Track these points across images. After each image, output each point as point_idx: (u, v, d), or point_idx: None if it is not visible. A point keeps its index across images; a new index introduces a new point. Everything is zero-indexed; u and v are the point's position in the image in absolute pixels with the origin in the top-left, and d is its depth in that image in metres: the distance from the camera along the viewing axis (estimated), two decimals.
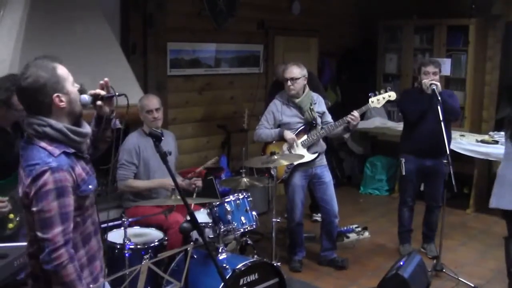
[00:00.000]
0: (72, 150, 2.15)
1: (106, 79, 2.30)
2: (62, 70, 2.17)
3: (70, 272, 2.06)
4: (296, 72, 4.49)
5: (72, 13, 4.43)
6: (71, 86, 2.18)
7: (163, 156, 2.49)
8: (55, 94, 2.10)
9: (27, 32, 4.10)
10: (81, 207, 2.17)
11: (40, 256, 2.07)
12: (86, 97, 2.23)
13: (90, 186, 2.19)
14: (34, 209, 2.06)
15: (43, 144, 2.10)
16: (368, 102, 4.45)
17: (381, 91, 4.48)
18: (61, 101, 2.12)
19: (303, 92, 4.56)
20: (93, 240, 2.28)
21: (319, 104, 4.68)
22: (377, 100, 4.44)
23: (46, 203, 2.03)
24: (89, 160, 2.32)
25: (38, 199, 2.04)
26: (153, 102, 4.11)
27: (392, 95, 4.46)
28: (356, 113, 4.38)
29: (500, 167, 4.01)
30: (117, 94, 2.31)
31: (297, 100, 4.54)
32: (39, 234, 2.06)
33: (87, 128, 2.25)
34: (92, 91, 2.27)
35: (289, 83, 4.49)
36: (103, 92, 2.27)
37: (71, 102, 2.16)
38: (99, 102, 2.26)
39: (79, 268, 2.13)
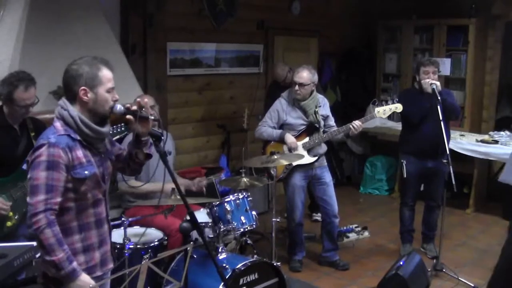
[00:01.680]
0: (78, 138, 2.30)
1: (146, 99, 2.47)
2: (104, 73, 2.34)
3: (48, 236, 2.18)
4: (306, 78, 4.46)
5: (72, 13, 4.43)
6: (104, 90, 2.32)
7: (163, 156, 2.49)
8: (83, 87, 2.28)
9: (27, 32, 4.10)
10: (76, 191, 2.29)
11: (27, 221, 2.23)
12: (119, 107, 2.38)
13: (86, 172, 2.30)
14: (28, 176, 2.26)
15: (57, 123, 2.32)
16: (369, 103, 4.46)
17: (389, 102, 4.49)
18: (86, 95, 2.29)
19: (310, 95, 4.55)
20: (92, 232, 2.38)
21: (324, 107, 4.67)
22: (383, 111, 4.45)
23: (36, 172, 2.22)
24: (102, 156, 2.43)
25: (31, 168, 2.24)
26: (148, 101, 4.10)
27: (399, 107, 4.48)
28: (358, 123, 4.37)
29: None
30: (150, 117, 2.44)
31: (302, 103, 4.53)
32: (27, 199, 2.24)
33: (104, 128, 2.38)
34: (128, 104, 2.43)
35: (297, 87, 4.47)
36: (134, 107, 2.41)
37: (96, 102, 2.32)
38: (129, 116, 2.40)
39: (68, 248, 2.22)
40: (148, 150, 2.57)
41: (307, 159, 4.52)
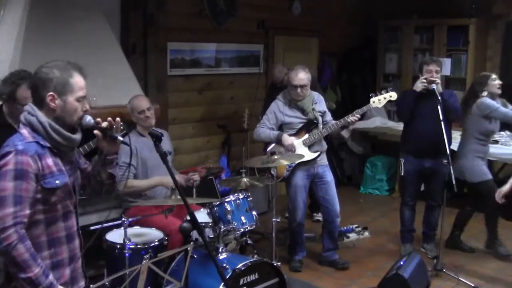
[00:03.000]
0: (48, 145, 2.15)
1: (118, 119, 2.30)
2: (76, 80, 2.19)
3: (21, 252, 2.03)
4: (305, 79, 4.47)
5: (72, 13, 4.43)
6: (74, 99, 2.18)
7: (163, 156, 2.49)
8: (51, 93, 2.14)
9: (27, 32, 4.10)
10: (47, 202, 2.14)
11: None
12: (88, 118, 2.24)
13: (57, 182, 2.14)
14: None
15: (23, 131, 2.15)
16: (369, 102, 4.47)
17: (382, 92, 4.49)
18: (53, 102, 2.15)
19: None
20: (63, 247, 2.23)
21: (320, 103, 4.68)
22: (378, 100, 4.45)
23: (2, 182, 2.05)
24: (72, 164, 2.29)
25: None
26: (144, 102, 4.10)
27: (393, 95, 4.48)
28: (358, 114, 4.40)
29: None
30: (119, 138, 2.29)
31: (299, 102, 4.54)
32: None
33: (75, 135, 2.23)
34: (99, 119, 2.28)
35: (298, 90, 4.47)
36: (104, 124, 2.28)
37: (64, 111, 2.17)
38: (96, 131, 2.27)
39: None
40: (111, 171, 2.42)
41: (308, 155, 4.52)
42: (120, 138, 2.29)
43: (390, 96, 4.47)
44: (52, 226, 2.18)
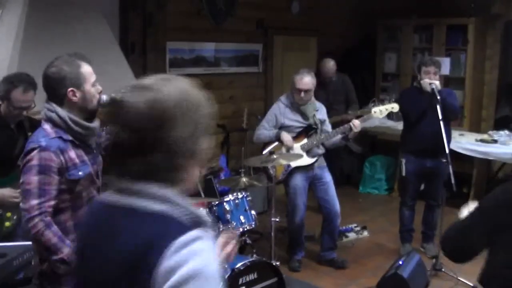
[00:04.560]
0: (70, 138, 2.30)
1: None
2: (85, 69, 2.32)
3: (49, 237, 2.21)
4: (310, 83, 4.46)
5: (71, 12, 4.42)
6: (90, 86, 2.32)
7: None
8: (70, 88, 2.27)
9: (26, 32, 4.09)
10: (72, 191, 2.31)
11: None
12: (105, 97, 2.36)
13: (80, 173, 2.31)
14: (20, 181, 2.27)
15: (46, 126, 2.31)
16: (368, 105, 4.48)
17: (385, 102, 4.50)
18: (74, 95, 2.29)
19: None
20: None
21: (321, 112, 4.67)
22: (379, 111, 4.46)
23: (28, 176, 2.22)
24: (94, 153, 2.44)
25: (23, 172, 2.25)
26: None
27: (395, 107, 4.49)
28: (357, 122, 4.37)
29: None
30: None
31: (302, 107, 4.53)
32: (21, 204, 2.26)
33: (94, 123, 2.38)
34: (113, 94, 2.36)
35: (302, 94, 4.45)
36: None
37: (85, 99, 2.31)
38: None
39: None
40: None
41: (306, 160, 4.51)
42: None
43: (393, 108, 4.49)
44: (78, 211, 2.34)
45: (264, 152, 4.60)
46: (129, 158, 1.24)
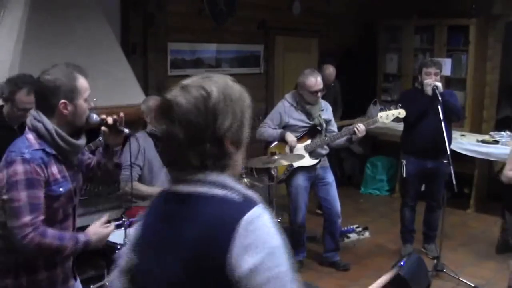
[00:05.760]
0: (53, 152, 2.19)
1: (121, 114, 2.41)
2: (81, 83, 2.22)
3: (49, 242, 2.12)
4: (321, 83, 4.49)
5: (72, 13, 4.43)
6: (83, 101, 2.23)
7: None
8: (63, 100, 2.17)
9: (27, 33, 4.10)
10: (49, 207, 2.18)
11: (15, 245, 2.12)
12: (95, 117, 2.32)
13: (60, 189, 2.20)
14: (4, 197, 2.11)
15: (30, 136, 2.18)
16: (369, 105, 4.47)
17: (391, 107, 4.49)
18: (66, 108, 2.18)
19: None
20: None
21: (327, 112, 4.67)
22: (386, 116, 4.46)
23: (15, 192, 2.08)
24: (75, 169, 2.35)
25: (9, 188, 2.10)
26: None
27: (402, 113, 4.47)
28: (362, 126, 4.36)
29: None
30: (125, 131, 2.43)
31: (308, 106, 4.53)
32: (8, 222, 2.11)
33: (80, 141, 2.29)
34: (104, 116, 2.37)
35: (319, 94, 4.49)
36: (110, 120, 2.37)
37: (75, 114, 2.22)
38: (104, 128, 2.37)
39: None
40: (117, 160, 2.52)
41: (309, 161, 4.51)
42: (126, 130, 2.41)
43: (399, 113, 4.48)
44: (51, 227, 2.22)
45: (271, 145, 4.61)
46: (185, 150, 1.34)
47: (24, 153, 2.11)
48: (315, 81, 4.43)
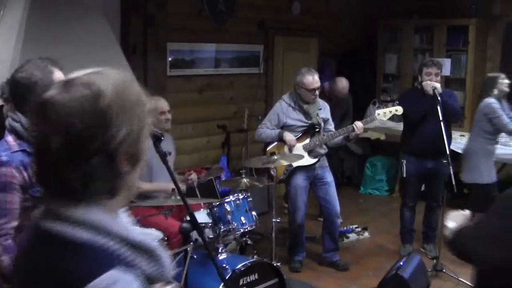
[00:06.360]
0: None
1: None
2: (57, 76, 2.13)
3: (5, 264, 2.01)
4: (319, 80, 4.50)
5: (72, 13, 4.42)
6: None
7: (163, 156, 2.49)
8: None
9: (27, 32, 4.09)
10: (35, 208, 2.10)
11: None
12: None
13: None
14: None
15: (9, 138, 2.12)
16: (368, 105, 4.48)
17: (389, 105, 4.51)
18: None
19: None
20: None
21: (324, 111, 4.68)
22: (383, 113, 4.48)
23: None
24: None
25: None
26: (165, 104, 4.13)
27: (399, 110, 4.50)
28: (360, 124, 4.38)
29: None
30: None
31: (305, 106, 4.53)
32: None
33: None
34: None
35: (316, 92, 4.49)
36: None
37: None
38: None
39: None
40: None
41: (308, 160, 4.51)
42: None
43: (396, 110, 4.50)
44: None
45: (269, 148, 4.62)
46: (62, 166, 1.02)
47: (1, 156, 2.06)
48: (312, 79, 4.44)
